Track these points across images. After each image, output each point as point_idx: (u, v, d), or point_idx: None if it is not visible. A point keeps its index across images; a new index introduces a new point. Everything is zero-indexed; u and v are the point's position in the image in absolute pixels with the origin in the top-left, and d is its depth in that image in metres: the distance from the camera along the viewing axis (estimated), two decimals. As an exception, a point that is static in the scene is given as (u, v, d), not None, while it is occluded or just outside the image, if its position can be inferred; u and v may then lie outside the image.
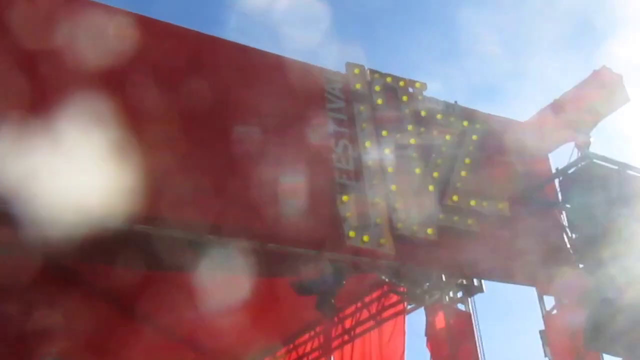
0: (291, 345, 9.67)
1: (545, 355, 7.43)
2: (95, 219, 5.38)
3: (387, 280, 7.80)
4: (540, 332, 7.65)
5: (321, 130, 6.86)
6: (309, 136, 6.73)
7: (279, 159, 6.42)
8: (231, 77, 6.65)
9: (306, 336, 9.51)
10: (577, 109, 7.79)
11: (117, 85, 5.73)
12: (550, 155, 8.43)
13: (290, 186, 6.27)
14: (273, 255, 6.56)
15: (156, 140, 5.77)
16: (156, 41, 6.20)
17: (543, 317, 7.77)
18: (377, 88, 7.39)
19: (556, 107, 7.99)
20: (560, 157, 8.13)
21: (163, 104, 5.90)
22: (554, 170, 8.15)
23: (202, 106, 6.20)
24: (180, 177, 5.79)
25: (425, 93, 7.62)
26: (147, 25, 6.22)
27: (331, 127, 6.93)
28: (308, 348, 9.51)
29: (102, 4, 6.10)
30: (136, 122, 5.67)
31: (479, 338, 7.37)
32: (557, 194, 8.00)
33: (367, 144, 7.02)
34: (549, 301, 7.83)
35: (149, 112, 5.81)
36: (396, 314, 8.53)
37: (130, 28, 5.98)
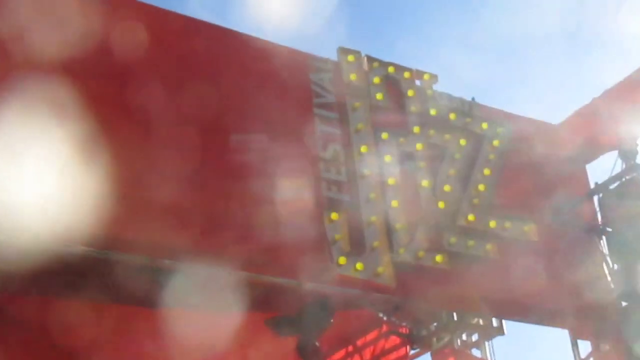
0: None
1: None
2: (40, 241, 5.04)
3: (385, 318, 7.25)
4: None
5: (305, 132, 6.40)
6: (289, 138, 6.32)
7: (250, 167, 5.97)
8: (197, 62, 6.23)
9: None
10: (622, 110, 7.28)
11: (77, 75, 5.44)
12: (588, 167, 7.99)
13: (264, 201, 5.87)
14: (245, 286, 6.09)
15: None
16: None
17: None
18: (377, 80, 6.87)
19: (597, 107, 7.48)
20: (601, 169, 7.80)
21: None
22: (592, 185, 7.74)
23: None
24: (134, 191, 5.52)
25: (435, 87, 7.10)
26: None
27: (318, 127, 6.45)
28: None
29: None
30: (98, 118, 5.37)
31: None
32: (595, 215, 7.61)
33: (363, 149, 6.53)
34: (585, 347, 7.44)
35: (112, 106, 5.55)
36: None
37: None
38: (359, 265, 6.01)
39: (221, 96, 6.11)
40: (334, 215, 6.07)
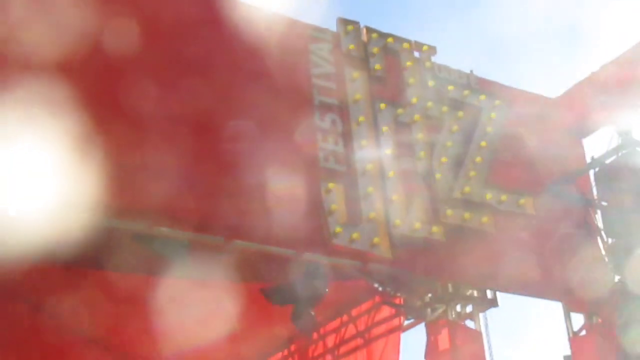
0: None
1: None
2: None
3: (380, 289, 7.36)
4: (565, 357, 7.35)
5: (303, 101, 6.40)
6: (287, 107, 6.32)
7: (248, 137, 5.99)
8: (189, 33, 6.12)
9: (279, 355, 9.03)
10: (619, 84, 7.27)
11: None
12: (584, 141, 7.94)
13: (261, 170, 5.89)
14: (241, 256, 6.25)
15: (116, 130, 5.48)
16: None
17: (569, 339, 7.47)
18: (375, 50, 6.88)
19: (594, 81, 7.45)
20: (597, 144, 7.76)
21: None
22: (588, 160, 7.70)
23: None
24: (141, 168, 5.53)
25: (434, 59, 7.12)
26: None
27: (316, 97, 6.45)
28: (289, 362, 9.14)
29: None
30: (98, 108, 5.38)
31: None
32: (591, 189, 7.61)
33: (361, 119, 6.54)
34: (578, 320, 7.51)
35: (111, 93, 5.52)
36: (390, 331, 8.07)
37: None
38: (355, 235, 6.03)
39: (222, 64, 6.05)
40: (330, 185, 6.08)
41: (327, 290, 6.39)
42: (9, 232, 5.32)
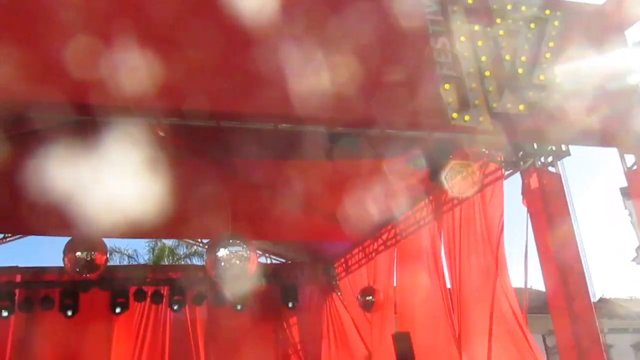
0: (409, 212, 10.01)
1: (625, 208, 7.66)
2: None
3: (486, 152, 7.96)
4: (621, 188, 7.59)
5: (421, 29, 6.75)
6: (410, 34, 6.54)
7: (389, 56, 6.33)
8: None
9: (421, 204, 9.82)
10: None
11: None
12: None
13: (401, 77, 6.26)
14: (388, 139, 6.75)
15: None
16: None
17: (625, 174, 7.43)
18: None
19: None
20: None
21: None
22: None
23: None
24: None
25: None
26: None
27: (430, 27, 6.82)
28: (423, 213, 9.85)
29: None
30: None
31: (569, 194, 7.40)
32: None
33: (462, 38, 6.86)
34: (630, 159, 7.48)
35: None
36: (495, 180, 8.52)
37: None
38: (466, 117, 6.42)
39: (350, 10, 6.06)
40: (447, 86, 6.46)
41: (451, 157, 7.26)
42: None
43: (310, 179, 8.33)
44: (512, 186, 8.21)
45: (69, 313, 10.82)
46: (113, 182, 7.55)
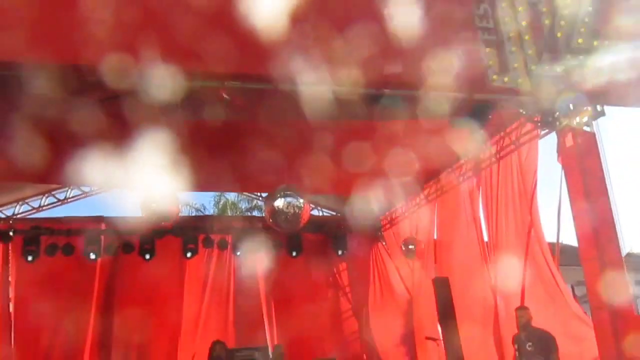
0: (449, 169, 10.09)
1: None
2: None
3: (524, 112, 7.66)
4: None
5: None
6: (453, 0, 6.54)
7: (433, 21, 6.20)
8: None
9: (462, 161, 9.87)
10: None
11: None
12: None
13: (445, 43, 6.20)
14: (432, 100, 6.55)
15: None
16: None
17: None
18: None
19: None
20: None
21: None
22: None
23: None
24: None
25: None
26: None
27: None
28: (463, 170, 9.89)
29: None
30: None
31: (603, 153, 7.07)
32: None
33: (504, 4, 6.80)
34: None
35: None
36: (532, 139, 8.44)
37: None
38: (506, 79, 6.40)
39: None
40: (488, 50, 6.45)
41: (490, 117, 7.05)
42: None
43: (359, 138, 8.40)
44: (547, 145, 8.16)
45: (147, 257, 11.44)
46: (184, 143, 7.74)
